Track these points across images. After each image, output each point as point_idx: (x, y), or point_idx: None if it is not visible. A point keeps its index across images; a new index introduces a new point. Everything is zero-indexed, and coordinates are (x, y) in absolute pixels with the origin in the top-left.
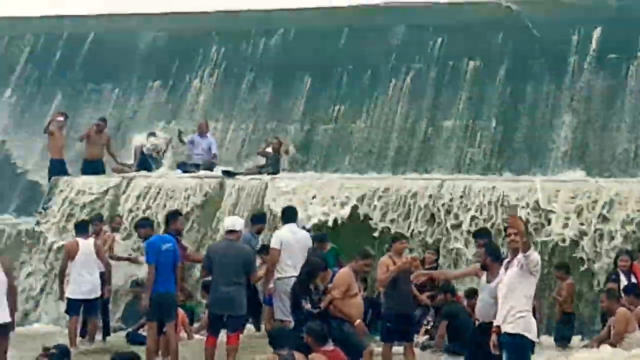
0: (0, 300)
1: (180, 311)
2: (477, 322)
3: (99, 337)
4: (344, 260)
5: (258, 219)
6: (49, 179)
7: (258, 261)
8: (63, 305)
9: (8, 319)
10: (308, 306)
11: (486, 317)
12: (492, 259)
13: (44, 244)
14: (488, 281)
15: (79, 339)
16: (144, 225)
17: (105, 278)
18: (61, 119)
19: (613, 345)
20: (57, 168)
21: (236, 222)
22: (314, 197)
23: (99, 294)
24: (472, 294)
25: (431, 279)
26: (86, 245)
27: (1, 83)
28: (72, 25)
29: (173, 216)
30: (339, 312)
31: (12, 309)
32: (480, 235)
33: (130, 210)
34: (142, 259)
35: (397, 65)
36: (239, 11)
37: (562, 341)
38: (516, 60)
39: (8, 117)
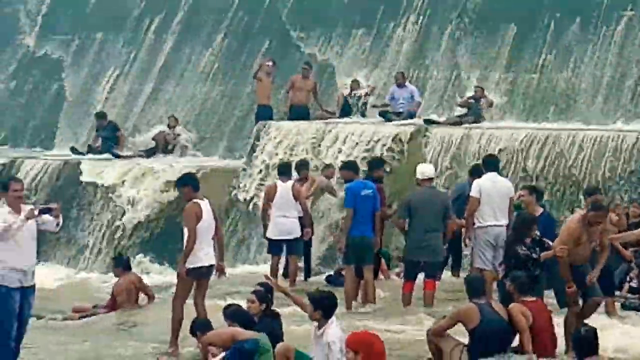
0: (208, 242)
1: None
2: None
3: (300, 277)
4: None
5: (477, 171)
6: (256, 123)
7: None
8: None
9: (213, 262)
10: (523, 250)
11: None
12: None
13: (249, 187)
14: None
15: (281, 278)
16: (347, 168)
17: (304, 221)
18: (269, 64)
19: None
20: (264, 113)
21: (432, 170)
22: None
23: (298, 234)
24: None
25: None
26: (285, 188)
27: (213, 29)
28: None
29: (376, 164)
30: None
31: (221, 252)
32: None
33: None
34: None
35: (608, 12)
36: None
37: None
38: None
39: (219, 62)
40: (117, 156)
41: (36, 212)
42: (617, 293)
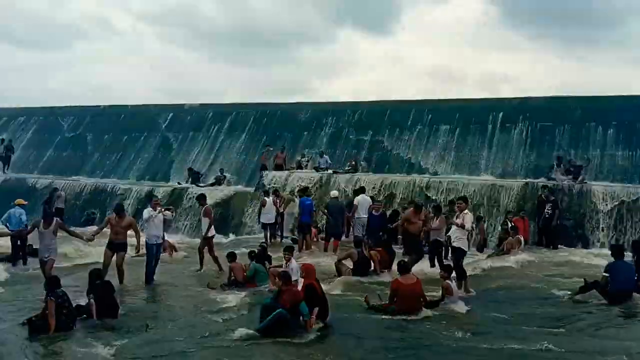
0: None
1: (313, 229)
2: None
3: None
4: None
5: (357, 192)
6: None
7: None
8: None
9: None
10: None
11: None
12: (434, 212)
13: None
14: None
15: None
16: (300, 191)
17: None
18: (271, 149)
19: (506, 253)
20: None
21: (337, 193)
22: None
23: (273, 220)
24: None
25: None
26: (269, 201)
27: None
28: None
29: (305, 189)
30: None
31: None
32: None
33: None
34: None
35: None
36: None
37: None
38: None
39: (245, 142)
40: (199, 186)
41: (163, 210)
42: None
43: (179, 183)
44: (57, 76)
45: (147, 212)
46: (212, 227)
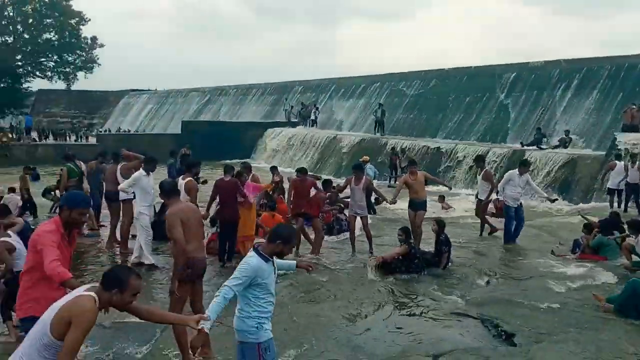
0: None
1: None
2: None
3: None
4: None
5: None
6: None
7: None
8: None
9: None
10: None
11: None
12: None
13: None
14: None
15: None
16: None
17: None
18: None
19: None
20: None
21: None
22: None
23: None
24: None
25: None
26: (619, 165)
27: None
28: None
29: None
30: None
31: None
32: None
33: None
34: None
35: None
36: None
37: None
38: None
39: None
40: (540, 148)
41: None
42: None
43: (521, 144)
44: (402, 44)
45: (510, 174)
46: (490, 191)
